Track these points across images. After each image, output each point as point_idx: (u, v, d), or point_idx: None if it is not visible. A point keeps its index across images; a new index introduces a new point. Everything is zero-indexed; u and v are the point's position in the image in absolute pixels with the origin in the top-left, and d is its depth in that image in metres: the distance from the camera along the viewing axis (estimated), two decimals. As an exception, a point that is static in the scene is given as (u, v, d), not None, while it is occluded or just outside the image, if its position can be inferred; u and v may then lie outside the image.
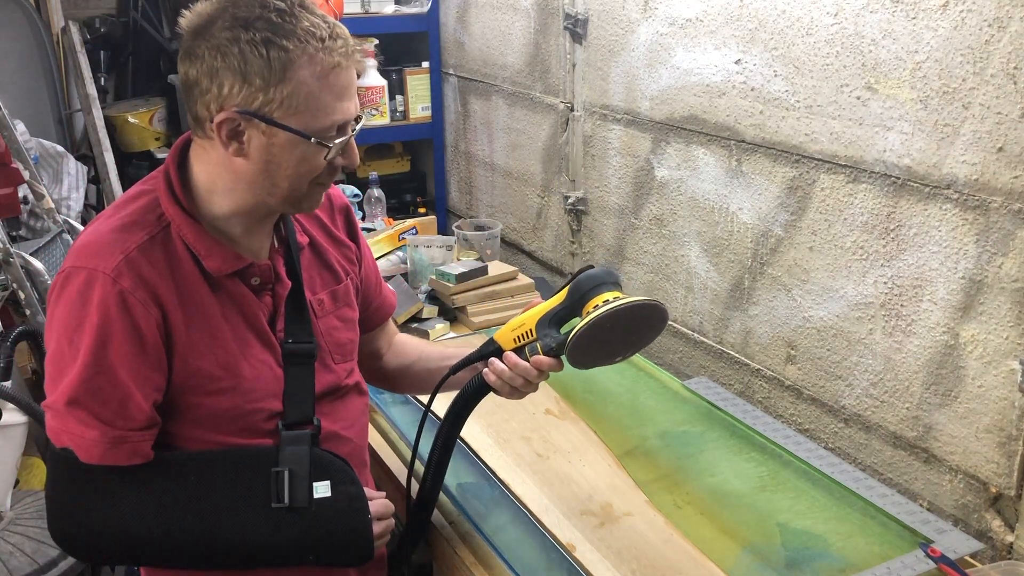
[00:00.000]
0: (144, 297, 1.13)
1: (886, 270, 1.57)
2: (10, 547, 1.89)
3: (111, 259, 1.12)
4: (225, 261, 1.20)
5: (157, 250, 1.16)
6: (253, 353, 1.24)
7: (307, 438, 1.25)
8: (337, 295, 1.37)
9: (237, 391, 1.22)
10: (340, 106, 1.15)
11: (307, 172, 1.17)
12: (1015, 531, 1.44)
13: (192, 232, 1.18)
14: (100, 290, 1.11)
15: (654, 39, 2.02)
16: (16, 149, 2.47)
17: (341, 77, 1.14)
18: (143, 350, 1.13)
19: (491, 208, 2.96)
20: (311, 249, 1.35)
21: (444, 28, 3.03)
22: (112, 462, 1.15)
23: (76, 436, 1.14)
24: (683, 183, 2.02)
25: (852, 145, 1.59)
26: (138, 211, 1.19)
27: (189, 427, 1.21)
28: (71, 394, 1.12)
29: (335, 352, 1.35)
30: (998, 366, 1.41)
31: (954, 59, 1.39)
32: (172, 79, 3.48)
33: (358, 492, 1.26)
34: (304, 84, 1.11)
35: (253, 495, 1.21)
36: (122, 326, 1.12)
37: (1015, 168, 1.33)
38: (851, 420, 1.71)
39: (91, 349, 1.11)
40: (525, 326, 1.27)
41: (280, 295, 1.28)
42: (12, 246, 2.32)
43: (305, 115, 1.12)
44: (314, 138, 1.14)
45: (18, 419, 2.01)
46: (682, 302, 2.10)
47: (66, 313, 1.13)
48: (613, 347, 1.24)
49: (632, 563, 1.35)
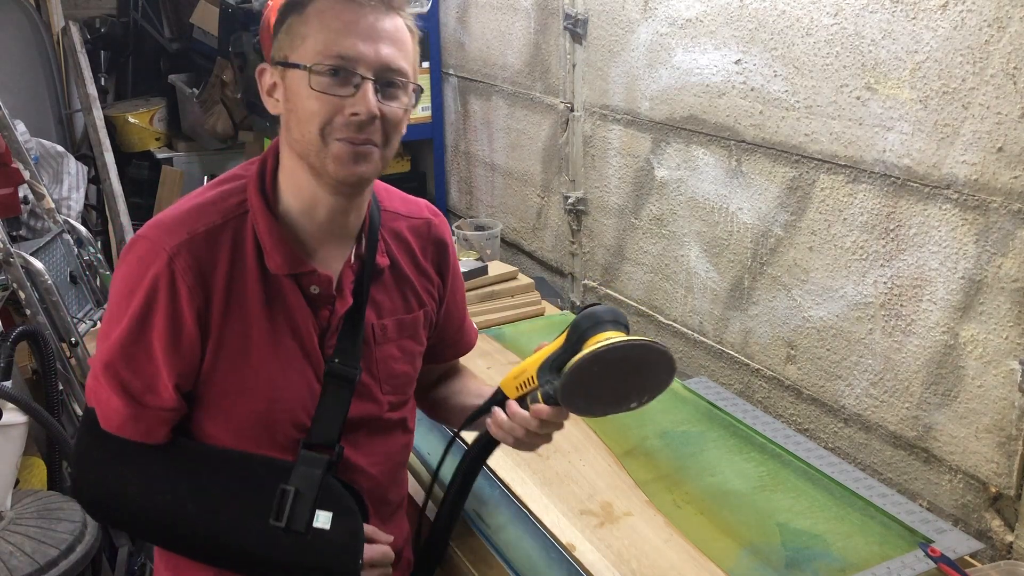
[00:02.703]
0: (192, 282, 1.12)
1: (886, 270, 1.57)
2: (10, 547, 1.89)
3: (176, 236, 1.13)
4: (287, 260, 1.17)
5: (225, 236, 1.16)
6: (292, 363, 1.20)
7: (324, 462, 1.20)
8: (403, 325, 1.30)
9: (266, 396, 1.18)
10: (342, 41, 1.11)
11: (316, 113, 1.11)
12: (1015, 531, 1.44)
13: (265, 224, 1.17)
14: (156, 265, 1.12)
15: (654, 39, 2.02)
16: (16, 149, 2.47)
17: (351, 14, 1.11)
18: (179, 333, 1.13)
19: (491, 208, 2.96)
20: (391, 272, 1.29)
21: (444, 28, 3.03)
22: (127, 435, 1.16)
23: (103, 401, 1.16)
24: (683, 183, 2.02)
25: (852, 145, 1.59)
26: (224, 194, 1.19)
27: (211, 424, 1.20)
28: (109, 357, 1.14)
29: (385, 382, 1.29)
30: (998, 366, 1.41)
31: (954, 59, 1.39)
32: (172, 79, 3.48)
33: (357, 529, 1.21)
34: (308, 19, 1.12)
35: (255, 507, 1.18)
36: (165, 304, 1.12)
37: (1015, 168, 1.33)
38: (851, 420, 1.71)
39: (135, 318, 1.12)
40: (527, 373, 1.18)
41: (337, 312, 1.22)
42: (12, 246, 2.31)
43: (302, 48, 1.12)
44: (302, 65, 1.11)
45: (18, 419, 2.00)
46: (682, 302, 2.10)
47: (123, 277, 1.15)
48: (617, 392, 1.11)
49: (632, 563, 1.35)
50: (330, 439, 1.22)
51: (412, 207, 1.36)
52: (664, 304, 2.17)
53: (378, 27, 1.12)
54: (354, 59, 1.11)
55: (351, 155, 1.13)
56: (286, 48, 1.14)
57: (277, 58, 1.16)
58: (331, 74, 1.11)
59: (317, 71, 1.11)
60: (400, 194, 1.38)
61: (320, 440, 1.21)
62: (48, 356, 2.24)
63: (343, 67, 1.11)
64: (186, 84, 3.41)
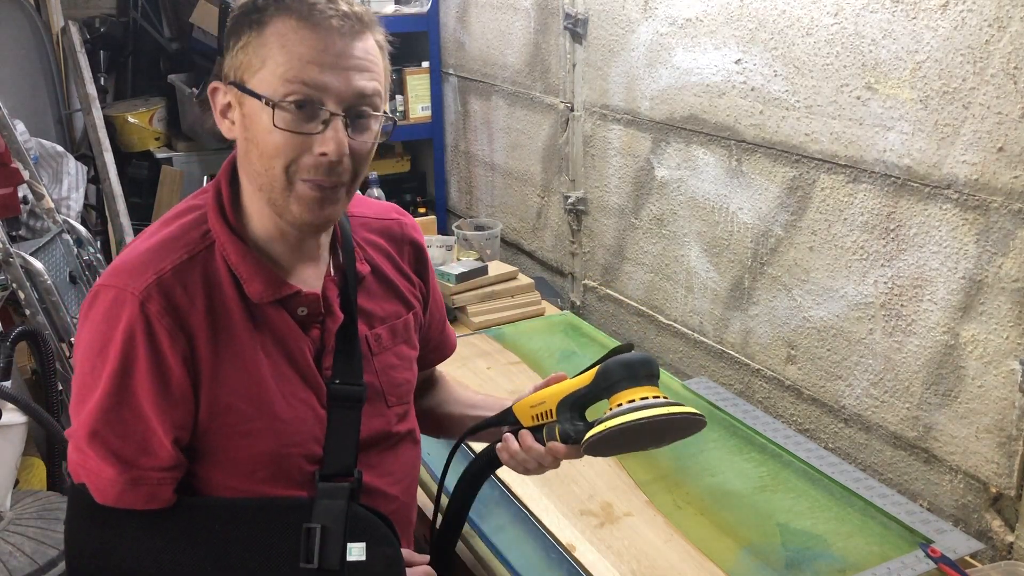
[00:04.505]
0: (171, 325, 1.03)
1: (886, 270, 1.57)
2: (10, 547, 1.89)
3: (142, 279, 1.03)
4: (268, 287, 1.08)
5: (196, 272, 1.06)
6: (293, 392, 1.11)
7: (345, 492, 1.11)
8: (396, 330, 1.24)
9: (272, 433, 1.09)
10: (306, 70, 1.00)
11: (278, 149, 1.02)
12: (1015, 531, 1.44)
13: (236, 253, 1.07)
14: (127, 313, 1.02)
15: (654, 39, 2.02)
16: (16, 149, 2.47)
17: (316, 42, 1.00)
18: (167, 382, 1.03)
19: (491, 208, 2.96)
20: (373, 278, 1.22)
21: (444, 28, 3.03)
22: (128, 505, 1.05)
23: (94, 473, 1.05)
24: (683, 183, 2.02)
25: (852, 145, 1.59)
26: (183, 227, 1.09)
27: (218, 472, 1.10)
28: (92, 425, 1.03)
29: (390, 394, 1.22)
30: (998, 366, 1.41)
31: (954, 59, 1.39)
32: (172, 79, 3.48)
33: (396, 556, 1.13)
34: (267, 41, 1.00)
35: (281, 553, 1.09)
36: (146, 354, 1.02)
37: (1015, 168, 1.33)
38: (851, 420, 1.71)
39: (114, 376, 1.02)
40: (546, 405, 1.15)
41: (330, 329, 1.15)
42: (12, 246, 2.32)
43: (262, 73, 1.01)
44: (264, 97, 1.00)
45: (18, 419, 2.01)
46: (682, 302, 2.10)
47: (91, 334, 1.04)
48: (635, 445, 1.14)
49: (632, 563, 1.35)
50: (347, 466, 1.14)
51: (379, 210, 1.30)
52: (664, 304, 2.16)
53: (348, 52, 1.02)
54: (322, 91, 1.01)
55: (318, 200, 1.05)
56: (243, 69, 1.03)
57: (233, 78, 1.05)
58: (296, 108, 1.00)
59: (281, 107, 1.00)
60: (362, 197, 1.30)
61: (336, 469, 1.13)
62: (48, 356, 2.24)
63: (309, 101, 1.01)
64: (186, 84, 3.40)
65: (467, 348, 2.12)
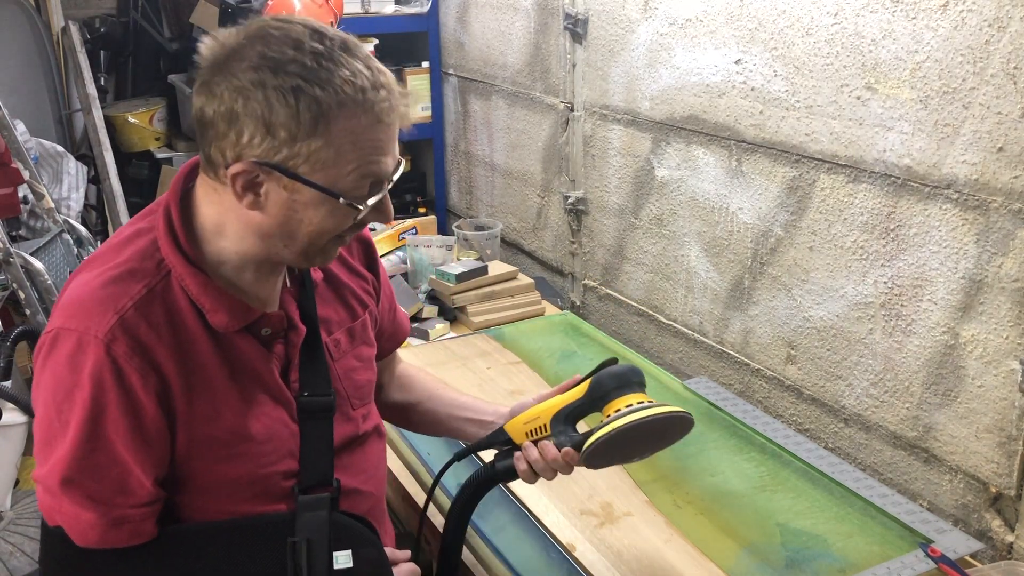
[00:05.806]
0: (141, 365, 1.00)
1: (886, 270, 1.57)
2: (10, 547, 1.89)
3: (104, 320, 0.99)
4: (233, 316, 1.07)
5: (156, 305, 1.03)
6: (265, 412, 1.11)
7: (326, 502, 1.12)
8: (354, 333, 1.25)
9: (249, 456, 1.10)
10: (377, 163, 1.01)
11: (332, 229, 1.04)
12: (1015, 531, 1.44)
13: (196, 284, 1.05)
14: (92, 357, 0.98)
15: (654, 39, 2.02)
16: (16, 149, 2.47)
17: (381, 133, 1.00)
18: (141, 423, 1.01)
19: (491, 208, 2.96)
20: (326, 284, 1.23)
21: (444, 28, 3.03)
22: (111, 545, 1.03)
23: (70, 518, 1.02)
24: (683, 183, 2.02)
25: (852, 145, 1.59)
26: (135, 257, 1.05)
27: (198, 497, 1.09)
28: (65, 472, 1.00)
29: (354, 397, 1.23)
30: (998, 366, 1.41)
31: (954, 59, 1.39)
32: (172, 79, 3.48)
33: (380, 558, 1.15)
34: (336, 139, 0.97)
35: (268, 570, 1.10)
36: (118, 397, 0.99)
37: (1015, 168, 1.33)
38: (851, 420, 1.71)
39: (84, 423, 0.99)
40: (539, 420, 1.19)
41: (294, 343, 1.15)
42: (12, 246, 2.32)
43: (334, 171, 0.99)
44: (343, 198, 1.00)
45: (18, 419, 2.01)
46: (682, 302, 2.10)
47: (54, 380, 1.01)
48: (632, 452, 1.19)
49: (632, 563, 1.35)
50: (324, 476, 1.15)
51: None
52: (664, 304, 2.16)
53: (395, 132, 1.04)
54: (386, 176, 1.04)
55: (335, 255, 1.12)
56: (300, 165, 0.99)
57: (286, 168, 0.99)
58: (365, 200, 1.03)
59: (354, 204, 1.02)
60: None
61: (314, 480, 1.15)
62: (48, 356, 2.24)
63: (375, 184, 1.03)
64: (186, 84, 3.40)
65: (467, 348, 2.12)
